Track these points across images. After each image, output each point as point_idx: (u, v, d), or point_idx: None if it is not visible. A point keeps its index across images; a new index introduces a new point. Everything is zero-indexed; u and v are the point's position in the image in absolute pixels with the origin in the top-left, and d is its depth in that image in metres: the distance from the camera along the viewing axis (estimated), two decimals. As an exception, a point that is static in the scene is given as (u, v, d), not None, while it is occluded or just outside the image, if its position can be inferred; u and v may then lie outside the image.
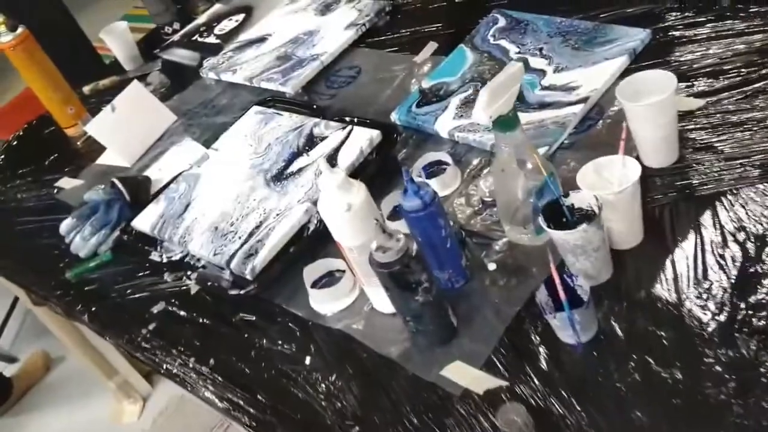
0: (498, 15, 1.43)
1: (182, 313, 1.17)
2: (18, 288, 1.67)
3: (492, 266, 1.02)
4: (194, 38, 1.90)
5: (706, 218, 0.95)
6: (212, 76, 1.69)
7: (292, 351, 1.03)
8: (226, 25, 1.89)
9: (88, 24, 2.77)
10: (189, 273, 1.18)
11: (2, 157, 1.79)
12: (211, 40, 1.85)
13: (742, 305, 0.84)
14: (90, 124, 1.53)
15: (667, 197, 0.99)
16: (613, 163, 0.95)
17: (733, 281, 0.86)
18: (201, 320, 1.14)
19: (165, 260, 1.23)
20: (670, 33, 1.25)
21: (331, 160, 1.21)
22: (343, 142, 1.24)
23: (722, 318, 0.83)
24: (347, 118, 1.31)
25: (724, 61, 1.15)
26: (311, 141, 1.28)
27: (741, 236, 0.91)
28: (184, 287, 1.20)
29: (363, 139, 1.23)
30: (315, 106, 1.40)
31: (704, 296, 0.86)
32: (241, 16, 1.89)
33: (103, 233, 1.33)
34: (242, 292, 1.10)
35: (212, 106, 1.62)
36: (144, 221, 1.28)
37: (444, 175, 1.15)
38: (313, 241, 1.15)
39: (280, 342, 1.05)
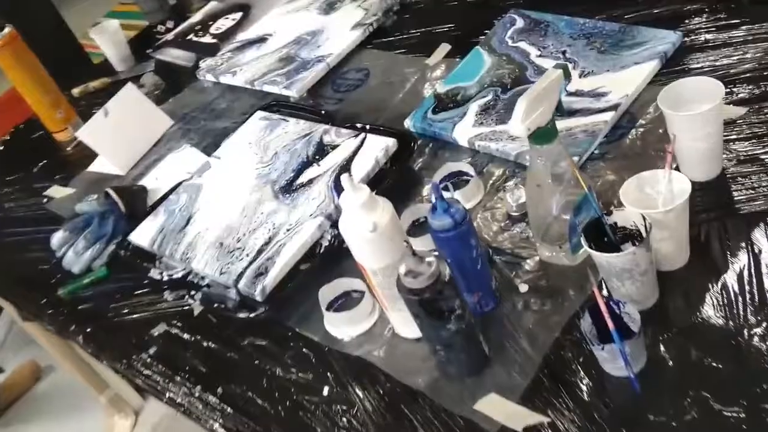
0: (515, 15, 1.36)
1: (185, 336, 1.08)
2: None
3: (524, 288, 0.94)
4: (189, 37, 1.81)
5: (758, 237, 0.88)
6: (210, 78, 1.60)
7: (308, 380, 0.96)
8: (223, 23, 1.80)
9: (73, 21, 2.66)
10: (192, 292, 1.10)
11: (-12, 163, 1.70)
12: (207, 39, 1.76)
13: (808, 336, 0.77)
14: (82, 129, 1.44)
15: (713, 214, 0.92)
16: (657, 178, 0.87)
17: (795, 308, 0.80)
18: (206, 344, 1.06)
19: (166, 278, 1.15)
20: (701, 35, 1.19)
21: (344, 170, 1.14)
22: (356, 152, 1.16)
23: (787, 350, 0.77)
24: (359, 125, 1.24)
25: (763, 66, 1.08)
26: (321, 150, 1.20)
27: (798, 257, 0.84)
28: (187, 307, 1.12)
29: (378, 148, 1.15)
30: (323, 112, 1.32)
31: (765, 324, 0.79)
32: (238, 15, 1.80)
33: (98, 247, 1.25)
34: (252, 315, 1.02)
35: (211, 110, 1.54)
36: (142, 235, 1.20)
37: (467, 187, 1.07)
38: (326, 258, 1.07)
39: (294, 369, 0.97)
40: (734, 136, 1.00)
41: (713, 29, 1.18)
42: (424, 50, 1.43)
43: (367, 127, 1.22)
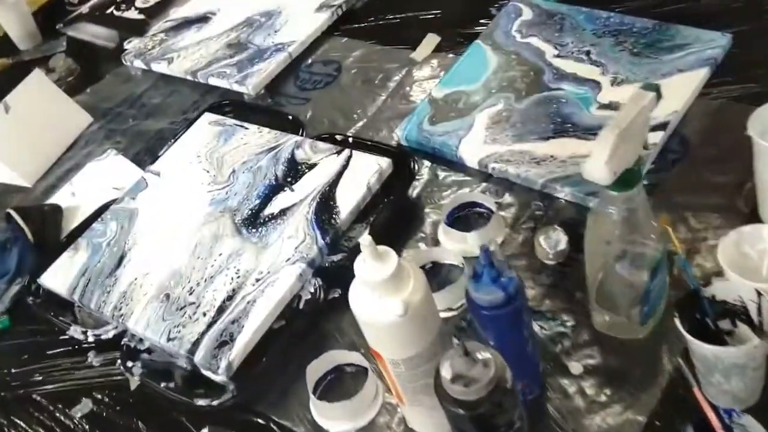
0: (520, 4, 1.13)
1: (120, 419, 0.82)
2: None
3: (576, 368, 0.73)
4: (109, 11, 1.50)
5: None
6: (139, 64, 1.31)
7: (295, 493, 0.72)
8: (151, -4, 1.50)
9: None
10: (129, 363, 0.84)
11: None
12: (133, 14, 1.46)
13: None
14: (-26, 130, 1.13)
15: (814, 274, 0.73)
16: (761, 235, 0.68)
17: None
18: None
19: (91, 338, 0.88)
20: (749, 38, 0.99)
21: (327, 199, 0.89)
22: (340, 174, 0.92)
23: None
24: (339, 136, 0.99)
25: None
26: (294, 169, 0.94)
27: None
28: (120, 377, 0.86)
29: (369, 170, 0.91)
30: (290, 117, 1.07)
31: None
32: (169, -14, 1.51)
33: (-3, 288, 0.97)
34: (215, 403, 0.77)
35: (141, 106, 1.25)
36: (57, 278, 0.92)
37: (487, 226, 0.85)
38: (307, 315, 0.83)
39: (273, 476, 0.74)
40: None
41: (762, 30, 0.99)
42: (405, 41, 1.18)
43: (350, 138, 0.98)
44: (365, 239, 0.58)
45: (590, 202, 0.85)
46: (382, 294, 0.59)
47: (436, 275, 0.84)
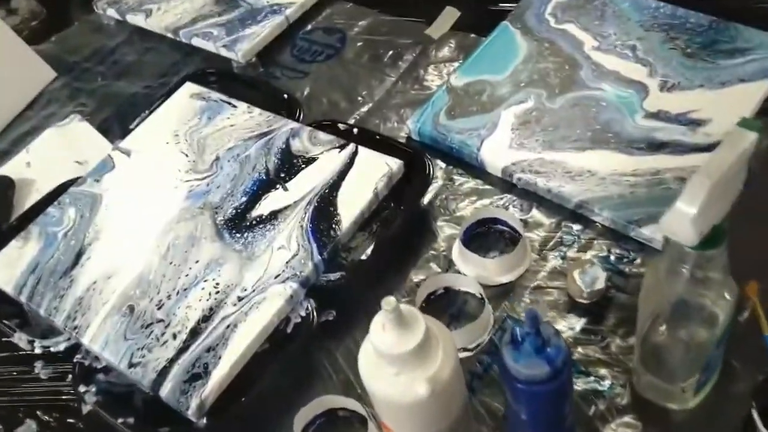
0: (556, -18, 0.99)
1: (68, 450, 0.70)
2: None
3: (613, 438, 0.62)
4: (82, -54, 1.33)
5: None
6: (112, 14, 1.15)
7: None
8: (130, -68, 1.33)
9: None
10: (81, 388, 0.71)
11: None
12: (108, -47, 1.29)
13: None
14: None
15: None
16: None
17: None
18: (102, 469, 0.69)
19: (38, 350, 0.75)
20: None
21: (326, 204, 0.76)
22: (343, 174, 0.78)
23: None
24: (341, 125, 0.86)
25: None
26: (289, 162, 0.81)
27: None
28: (69, 396, 0.73)
29: (377, 172, 0.77)
30: (286, 96, 0.93)
31: None
32: None
33: (-68, 274, 0.83)
34: (182, 450, 0.65)
35: (113, 63, 1.10)
36: (3, 272, 0.78)
37: (512, 254, 0.72)
38: (296, 339, 0.70)
39: None
40: None
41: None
42: (419, 13, 1.04)
43: (354, 128, 0.85)
44: (389, 302, 0.45)
45: (631, 231, 0.74)
46: (402, 369, 0.47)
47: (449, 305, 0.72)
